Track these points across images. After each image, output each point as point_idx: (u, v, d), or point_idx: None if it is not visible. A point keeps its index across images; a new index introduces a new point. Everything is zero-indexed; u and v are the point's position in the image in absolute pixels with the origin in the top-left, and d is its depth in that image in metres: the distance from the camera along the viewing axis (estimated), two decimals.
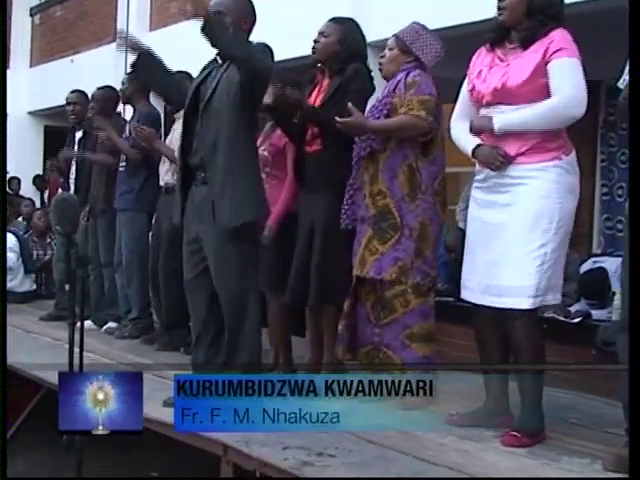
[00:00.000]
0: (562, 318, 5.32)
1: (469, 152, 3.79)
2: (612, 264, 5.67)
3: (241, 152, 4.00)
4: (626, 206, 3.33)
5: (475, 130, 3.72)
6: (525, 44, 3.65)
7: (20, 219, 9.98)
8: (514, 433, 3.61)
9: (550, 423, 3.74)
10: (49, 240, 8.57)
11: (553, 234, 3.63)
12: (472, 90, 3.79)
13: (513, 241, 3.64)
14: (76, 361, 3.42)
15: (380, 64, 4.37)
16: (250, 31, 4.15)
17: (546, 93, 3.61)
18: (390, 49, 4.32)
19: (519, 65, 3.64)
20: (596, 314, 5.43)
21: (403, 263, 4.16)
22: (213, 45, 3.90)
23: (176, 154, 5.81)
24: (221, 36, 3.85)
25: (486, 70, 3.74)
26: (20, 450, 5.45)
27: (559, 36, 3.60)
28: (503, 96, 3.66)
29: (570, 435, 3.83)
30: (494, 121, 3.65)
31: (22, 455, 5.48)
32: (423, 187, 4.18)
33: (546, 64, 3.58)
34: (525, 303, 3.62)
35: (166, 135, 6.33)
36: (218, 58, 4.16)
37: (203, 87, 4.10)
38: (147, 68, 4.35)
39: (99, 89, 6.81)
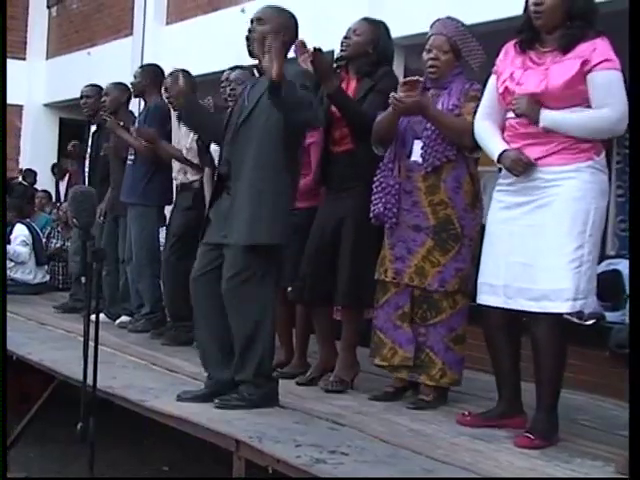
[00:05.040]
0: (576, 320, 5.28)
1: (494, 155, 3.74)
2: (626, 266, 5.64)
3: (270, 173, 3.97)
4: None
5: (519, 114, 3.62)
6: (566, 49, 3.60)
7: (46, 212, 10.04)
8: (527, 435, 3.59)
9: (562, 425, 3.74)
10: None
11: (589, 235, 3.59)
12: (504, 92, 3.72)
13: (549, 243, 3.58)
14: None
15: (433, 66, 4.19)
16: (288, 45, 4.14)
17: (583, 100, 3.58)
18: (444, 52, 4.18)
19: (559, 70, 3.58)
20: (610, 316, 5.41)
21: (463, 273, 4.13)
22: (277, 105, 3.87)
23: (184, 151, 5.87)
24: (288, 100, 3.82)
25: (520, 72, 3.69)
26: (33, 441, 5.48)
27: (603, 46, 3.56)
28: (542, 100, 3.59)
29: (582, 437, 3.83)
30: (541, 115, 3.57)
31: (36, 445, 5.52)
32: (480, 195, 4.18)
33: (588, 72, 3.54)
34: (564, 307, 3.57)
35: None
36: (255, 71, 4.18)
37: (246, 99, 4.10)
38: (194, 121, 4.37)
39: (111, 84, 6.83)
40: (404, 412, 4.10)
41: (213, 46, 9.21)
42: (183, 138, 5.96)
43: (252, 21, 4.12)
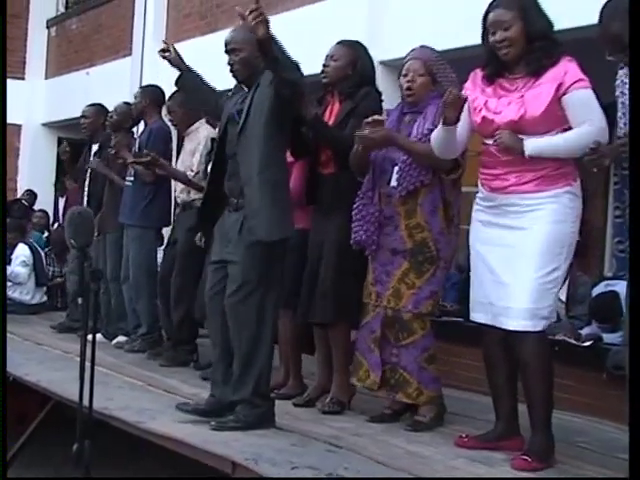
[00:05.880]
0: (573, 341, 5.29)
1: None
2: (624, 287, 5.63)
3: (276, 169, 4.07)
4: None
5: (503, 148, 3.64)
6: (536, 74, 3.64)
7: (38, 232, 10.01)
8: (524, 457, 3.59)
9: (561, 447, 3.73)
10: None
11: (564, 258, 3.68)
12: (482, 122, 3.74)
13: (527, 264, 3.64)
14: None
15: (409, 89, 4.27)
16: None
17: (561, 123, 3.61)
18: (420, 75, 4.25)
19: (536, 97, 3.61)
20: (607, 337, 5.39)
21: (437, 295, 4.22)
22: (269, 65, 3.93)
23: (188, 172, 5.87)
24: (278, 59, 3.87)
25: (494, 101, 3.72)
26: (29, 461, 5.45)
27: (572, 67, 3.60)
28: (521, 127, 3.63)
29: (581, 460, 3.82)
30: (525, 145, 3.59)
31: (31, 466, 5.48)
32: (455, 220, 4.23)
33: (563, 94, 3.58)
34: (540, 325, 3.64)
35: (178, 152, 6.34)
36: (243, 86, 4.23)
37: (236, 112, 4.16)
38: (190, 84, 4.50)
39: (122, 103, 6.83)
40: (401, 434, 4.10)
41: (211, 67, 9.22)
42: (187, 157, 5.96)
43: (228, 52, 4.19)
